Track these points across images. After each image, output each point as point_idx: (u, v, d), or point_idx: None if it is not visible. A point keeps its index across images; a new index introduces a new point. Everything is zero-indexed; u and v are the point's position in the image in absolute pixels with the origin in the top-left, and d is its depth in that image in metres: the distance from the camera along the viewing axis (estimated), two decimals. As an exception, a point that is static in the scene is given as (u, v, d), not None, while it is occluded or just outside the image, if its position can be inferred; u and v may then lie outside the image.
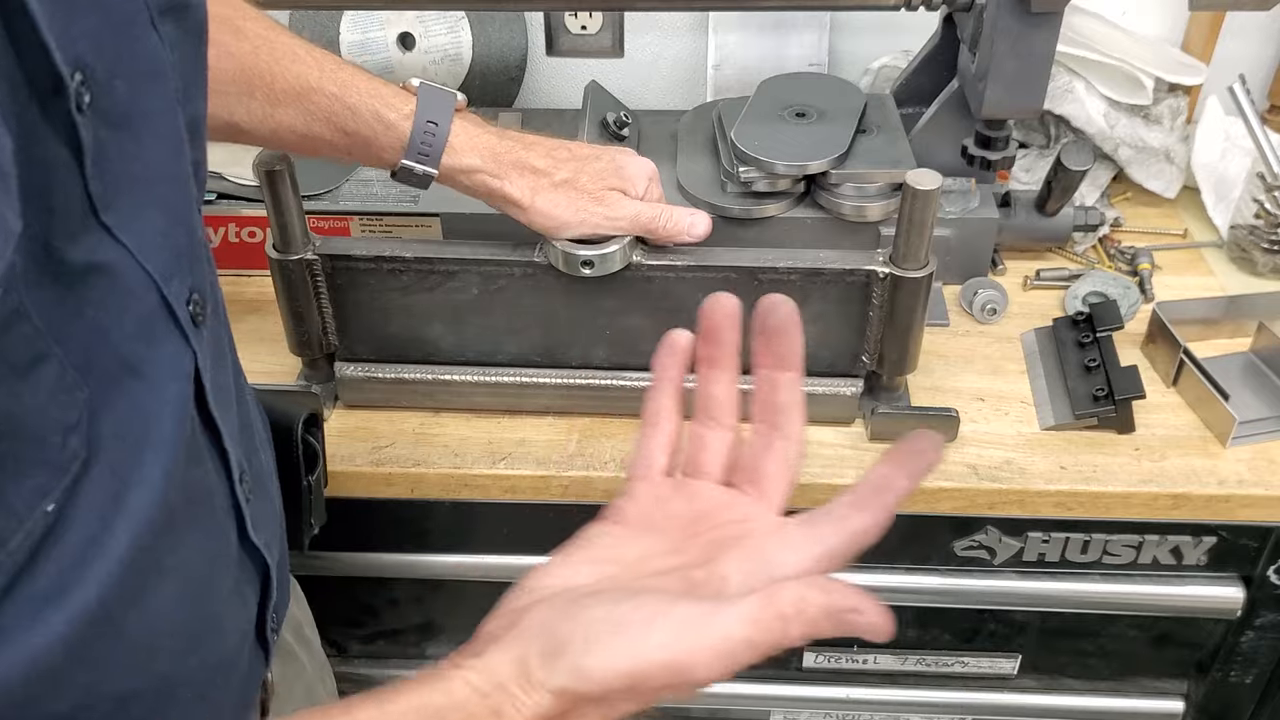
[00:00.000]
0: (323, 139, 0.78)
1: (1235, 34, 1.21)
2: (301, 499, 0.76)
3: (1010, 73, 0.91)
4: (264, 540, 0.59)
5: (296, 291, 0.86)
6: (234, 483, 0.55)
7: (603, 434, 0.91)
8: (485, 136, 0.81)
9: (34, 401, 0.38)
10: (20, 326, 0.37)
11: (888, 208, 0.97)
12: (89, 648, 0.44)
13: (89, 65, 0.40)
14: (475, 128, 0.81)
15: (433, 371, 0.91)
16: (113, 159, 0.42)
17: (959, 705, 1.04)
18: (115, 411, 0.43)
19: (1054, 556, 0.91)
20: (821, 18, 1.21)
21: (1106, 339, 0.93)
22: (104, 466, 0.43)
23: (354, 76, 0.78)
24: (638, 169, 0.85)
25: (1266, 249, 1.06)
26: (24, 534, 0.39)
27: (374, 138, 0.78)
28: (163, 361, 0.47)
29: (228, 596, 0.56)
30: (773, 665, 1.03)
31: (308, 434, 0.75)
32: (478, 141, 0.80)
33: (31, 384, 0.38)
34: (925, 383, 0.94)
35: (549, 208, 0.81)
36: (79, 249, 0.41)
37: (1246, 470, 0.86)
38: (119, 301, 0.43)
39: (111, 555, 0.44)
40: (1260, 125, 1.04)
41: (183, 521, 0.50)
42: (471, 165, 0.80)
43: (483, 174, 0.80)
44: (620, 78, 1.29)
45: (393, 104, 0.77)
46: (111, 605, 0.44)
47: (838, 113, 1.01)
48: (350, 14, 1.22)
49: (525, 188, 0.80)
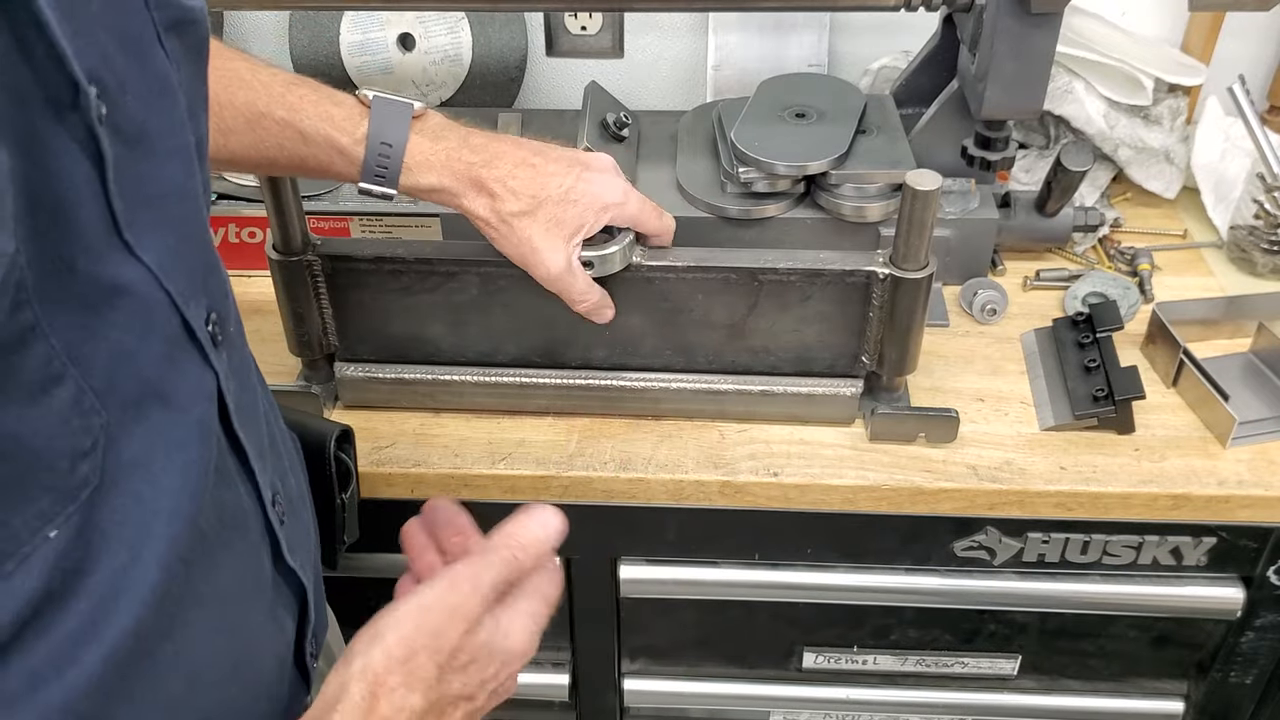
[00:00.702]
0: (279, 164, 0.76)
1: (1235, 34, 1.21)
2: (335, 517, 0.76)
3: (1010, 73, 0.91)
4: (299, 563, 0.59)
5: (296, 292, 0.86)
6: (265, 505, 0.55)
7: (602, 434, 0.91)
8: (444, 149, 0.77)
9: (44, 425, 0.37)
10: (35, 346, 0.36)
11: (888, 208, 0.97)
12: (126, 683, 0.43)
13: (102, 79, 0.39)
14: (433, 142, 0.77)
15: (433, 372, 0.91)
16: (130, 176, 0.41)
17: (959, 706, 1.04)
18: (138, 437, 0.43)
19: (1054, 557, 0.91)
20: (821, 18, 1.21)
21: (1106, 339, 0.93)
22: (126, 494, 0.42)
23: (303, 99, 0.75)
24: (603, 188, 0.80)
25: (1266, 249, 1.06)
26: (19, 559, 0.38)
27: (329, 163, 0.76)
28: (186, 384, 0.46)
29: (264, 623, 0.55)
30: (772, 666, 1.03)
31: (340, 451, 0.75)
32: (435, 158, 0.76)
33: (43, 407, 0.37)
34: (925, 383, 0.94)
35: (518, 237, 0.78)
36: (103, 268, 0.40)
37: (1246, 471, 0.86)
38: (143, 323, 0.43)
39: (143, 585, 0.43)
40: (1260, 126, 1.04)
41: (216, 547, 0.49)
42: (430, 185, 0.77)
43: (443, 193, 0.77)
44: (620, 78, 1.29)
45: (344, 127, 0.74)
46: (147, 637, 0.44)
47: (837, 113, 1.01)
48: (350, 14, 1.22)
49: (485, 208, 0.77)
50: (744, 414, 0.91)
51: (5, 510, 0.37)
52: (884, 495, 0.86)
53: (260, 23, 1.28)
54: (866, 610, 0.97)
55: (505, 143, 0.79)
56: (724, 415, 0.91)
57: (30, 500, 0.38)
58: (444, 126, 0.78)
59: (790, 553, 0.93)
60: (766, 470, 0.87)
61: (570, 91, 1.31)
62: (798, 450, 0.89)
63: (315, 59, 1.24)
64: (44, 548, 0.39)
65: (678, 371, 0.89)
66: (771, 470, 0.87)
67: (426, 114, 0.78)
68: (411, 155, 0.76)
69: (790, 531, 0.91)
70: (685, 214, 0.99)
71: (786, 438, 0.90)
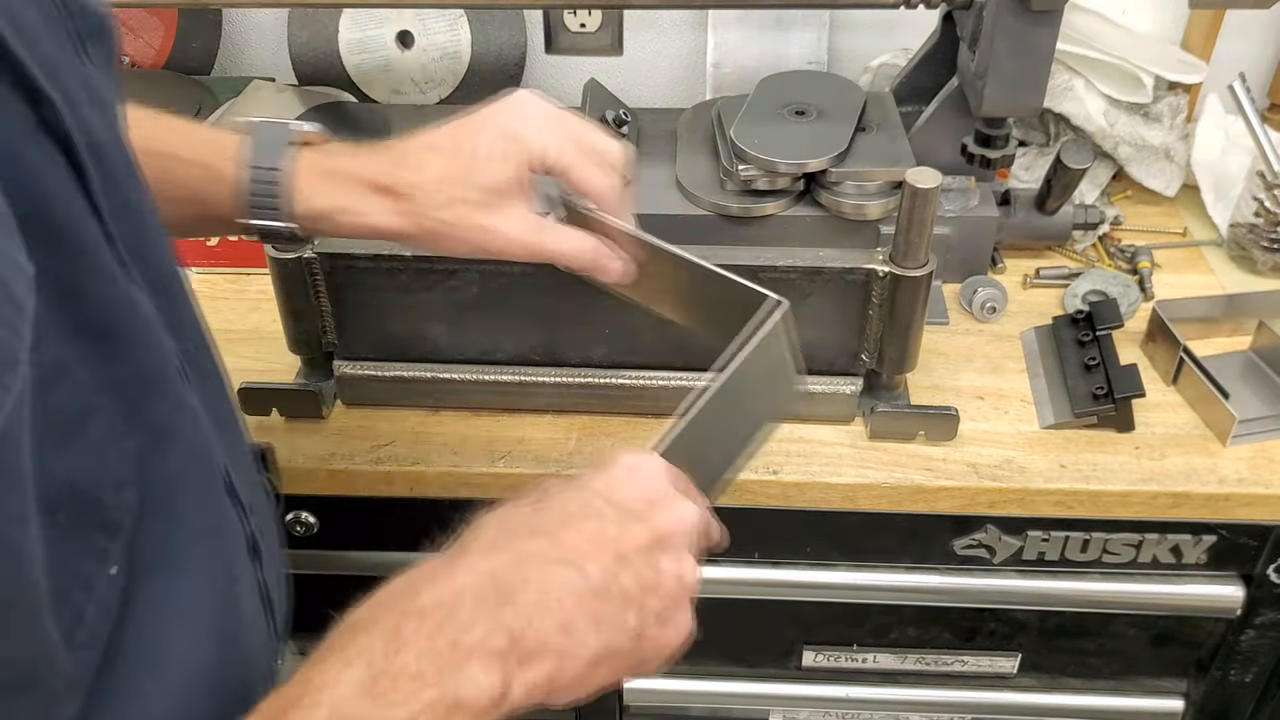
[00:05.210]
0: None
1: (1235, 32, 1.21)
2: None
3: (1010, 71, 0.91)
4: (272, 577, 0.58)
5: (295, 290, 0.86)
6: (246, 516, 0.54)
7: (602, 432, 0.91)
8: (337, 164, 0.65)
9: (85, 461, 0.37)
10: (64, 381, 0.36)
11: (887, 206, 0.97)
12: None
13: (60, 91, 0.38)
14: (326, 159, 0.65)
15: (432, 370, 0.91)
16: (104, 191, 0.40)
17: (959, 704, 1.04)
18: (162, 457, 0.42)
19: (1054, 555, 0.91)
20: (821, 15, 1.21)
21: (1106, 337, 0.93)
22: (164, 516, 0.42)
23: (173, 129, 0.65)
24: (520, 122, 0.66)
25: (1266, 247, 1.06)
26: (96, 604, 0.38)
27: (203, 193, 0.64)
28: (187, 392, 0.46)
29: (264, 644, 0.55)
30: (772, 664, 1.03)
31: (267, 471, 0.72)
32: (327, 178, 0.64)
33: (83, 442, 0.37)
34: (925, 381, 0.94)
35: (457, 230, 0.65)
36: (112, 289, 0.39)
37: (1246, 469, 0.86)
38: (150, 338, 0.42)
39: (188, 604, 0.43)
40: (1260, 123, 1.04)
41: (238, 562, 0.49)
42: (322, 208, 0.64)
43: (345, 215, 0.65)
44: (619, 76, 1.29)
45: (222, 151, 0.64)
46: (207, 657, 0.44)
47: (837, 111, 1.01)
48: (349, 12, 1.22)
49: (390, 211, 0.65)
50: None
51: (74, 558, 0.36)
52: (884, 493, 0.86)
53: (259, 21, 1.28)
54: (866, 608, 0.97)
55: (406, 141, 0.67)
56: (723, 413, 0.91)
57: (90, 543, 0.37)
58: (340, 147, 0.67)
59: (790, 551, 0.93)
60: (766, 468, 0.87)
61: (569, 89, 1.31)
62: (797, 448, 0.89)
63: (314, 56, 1.24)
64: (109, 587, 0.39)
65: (677, 370, 0.89)
66: (771, 468, 0.87)
67: (318, 139, 0.67)
68: (302, 177, 0.64)
69: (790, 530, 0.91)
70: (685, 212, 0.98)
71: (786, 435, 0.90)
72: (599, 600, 0.47)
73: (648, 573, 0.49)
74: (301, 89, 1.22)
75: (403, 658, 0.43)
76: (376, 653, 0.43)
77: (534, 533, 0.48)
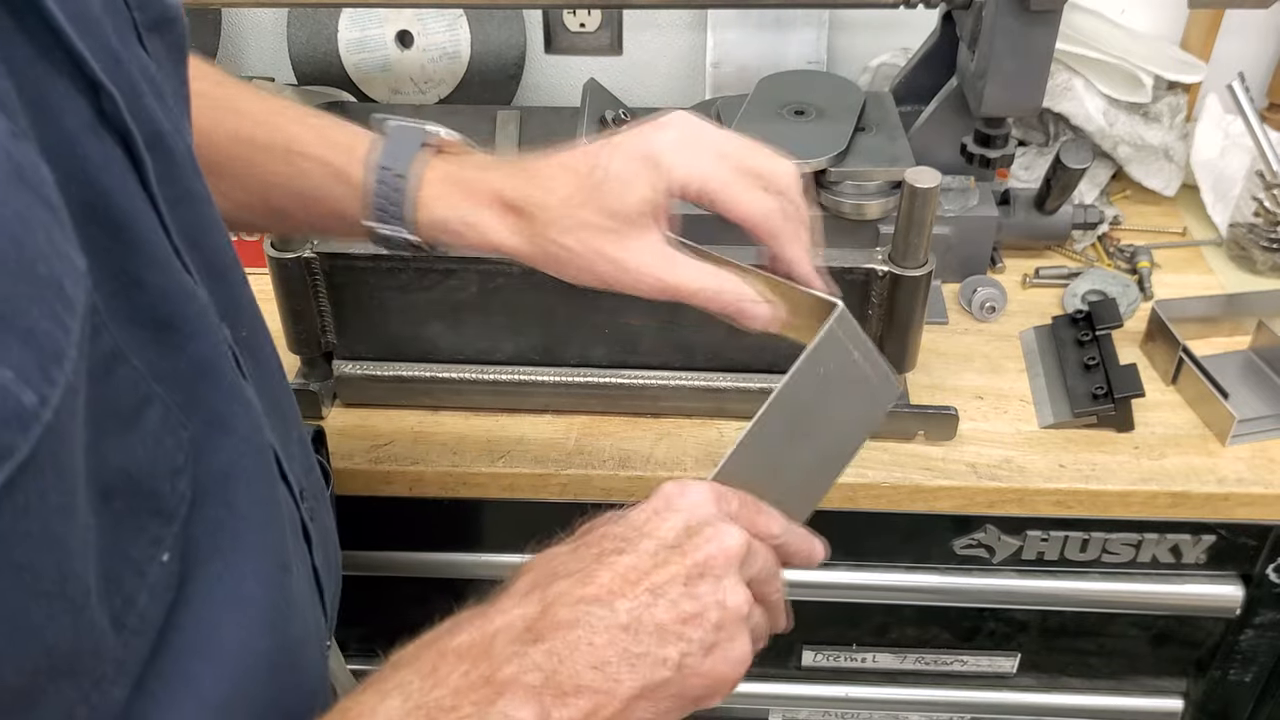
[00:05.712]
0: (272, 203, 0.64)
1: (1234, 32, 1.21)
2: None
3: (1009, 70, 0.91)
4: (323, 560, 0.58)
5: (295, 290, 0.86)
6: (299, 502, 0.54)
7: (601, 432, 0.91)
8: (464, 175, 0.62)
9: (142, 450, 0.37)
10: (120, 370, 0.36)
11: (887, 206, 0.97)
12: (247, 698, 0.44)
13: (118, 82, 0.38)
14: (455, 166, 0.63)
15: (431, 370, 0.91)
16: (162, 182, 0.41)
17: (958, 704, 1.04)
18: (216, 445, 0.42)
19: (1053, 555, 0.91)
20: (820, 15, 1.21)
21: (1106, 337, 0.93)
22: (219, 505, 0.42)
23: (302, 120, 0.63)
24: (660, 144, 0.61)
25: (1265, 247, 1.06)
26: (148, 591, 0.38)
27: (329, 195, 0.63)
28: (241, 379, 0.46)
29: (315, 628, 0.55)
30: (772, 664, 1.03)
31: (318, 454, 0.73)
32: (451, 187, 0.62)
33: (139, 431, 0.37)
34: (924, 381, 0.94)
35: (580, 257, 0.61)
36: (169, 279, 0.40)
37: (1246, 469, 0.86)
38: (206, 326, 0.42)
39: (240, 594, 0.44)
40: (1259, 123, 1.04)
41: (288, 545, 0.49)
42: (443, 218, 0.61)
43: (463, 227, 0.62)
44: (619, 75, 1.29)
45: (349, 150, 0.62)
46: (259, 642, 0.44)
47: (837, 110, 1.01)
48: (349, 11, 1.22)
49: (511, 230, 0.61)
50: (743, 412, 0.91)
51: (126, 543, 0.37)
52: (883, 493, 0.86)
53: (258, 20, 1.28)
54: (866, 608, 0.97)
55: (543, 157, 0.63)
56: (723, 413, 0.91)
57: (143, 529, 0.38)
58: (474, 158, 0.64)
59: (789, 551, 0.93)
60: (765, 468, 0.87)
61: (569, 89, 1.31)
62: (797, 448, 0.89)
63: (313, 56, 1.24)
64: (161, 573, 0.39)
65: (676, 369, 0.89)
66: (770, 468, 0.87)
67: (451, 143, 0.64)
68: (429, 184, 0.61)
69: (789, 529, 0.91)
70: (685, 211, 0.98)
71: (785, 436, 0.90)
72: (630, 636, 0.46)
73: (686, 604, 0.48)
74: (301, 89, 1.22)
75: (439, 692, 0.44)
76: (413, 687, 0.44)
77: (569, 574, 0.49)
